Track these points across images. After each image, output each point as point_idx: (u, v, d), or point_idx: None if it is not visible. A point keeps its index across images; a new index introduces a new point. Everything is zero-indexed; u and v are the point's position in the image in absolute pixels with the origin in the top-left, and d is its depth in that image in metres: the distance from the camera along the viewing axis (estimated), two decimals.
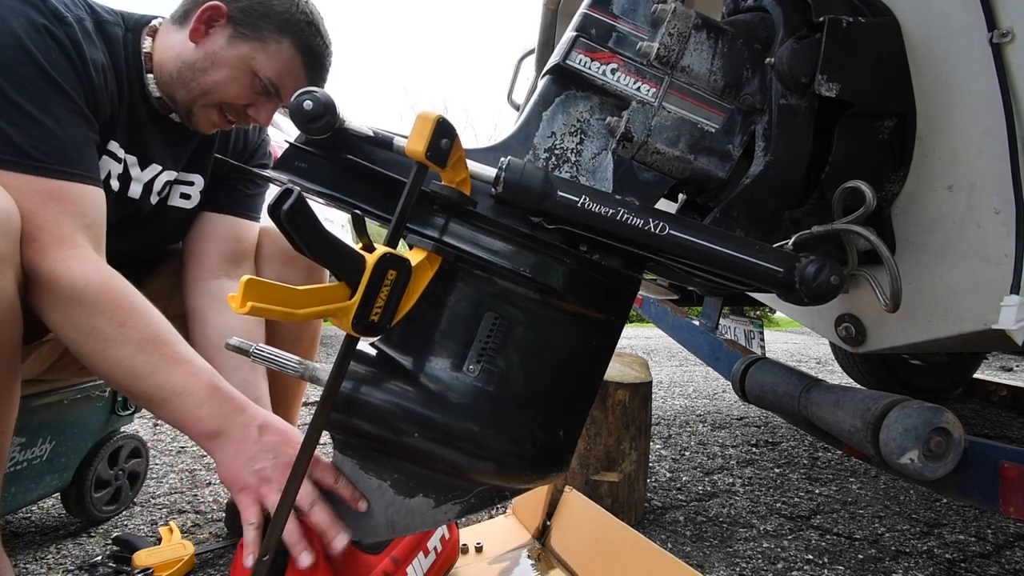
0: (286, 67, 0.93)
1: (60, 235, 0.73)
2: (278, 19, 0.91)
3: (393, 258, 0.53)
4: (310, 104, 0.55)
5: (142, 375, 0.73)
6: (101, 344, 0.72)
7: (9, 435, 0.76)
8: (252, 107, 0.95)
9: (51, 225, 0.73)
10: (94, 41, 0.84)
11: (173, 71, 0.92)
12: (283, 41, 0.92)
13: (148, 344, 0.73)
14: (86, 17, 0.84)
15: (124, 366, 0.72)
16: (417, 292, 0.57)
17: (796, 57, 0.67)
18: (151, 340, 0.74)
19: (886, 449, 0.68)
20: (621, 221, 0.57)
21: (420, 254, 0.58)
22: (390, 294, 0.53)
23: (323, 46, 0.97)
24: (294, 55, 0.93)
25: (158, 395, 0.73)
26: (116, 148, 0.91)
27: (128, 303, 0.74)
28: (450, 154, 0.52)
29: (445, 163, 0.52)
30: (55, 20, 0.78)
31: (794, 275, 0.60)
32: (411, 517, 0.63)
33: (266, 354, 0.63)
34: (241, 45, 0.91)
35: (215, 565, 1.05)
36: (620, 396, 1.27)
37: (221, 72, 0.91)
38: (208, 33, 0.91)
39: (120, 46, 0.90)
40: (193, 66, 0.91)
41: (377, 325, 0.54)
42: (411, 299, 0.57)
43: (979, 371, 2.84)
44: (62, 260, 0.72)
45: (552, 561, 1.03)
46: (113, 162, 0.91)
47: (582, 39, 0.65)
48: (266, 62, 0.92)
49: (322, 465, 0.68)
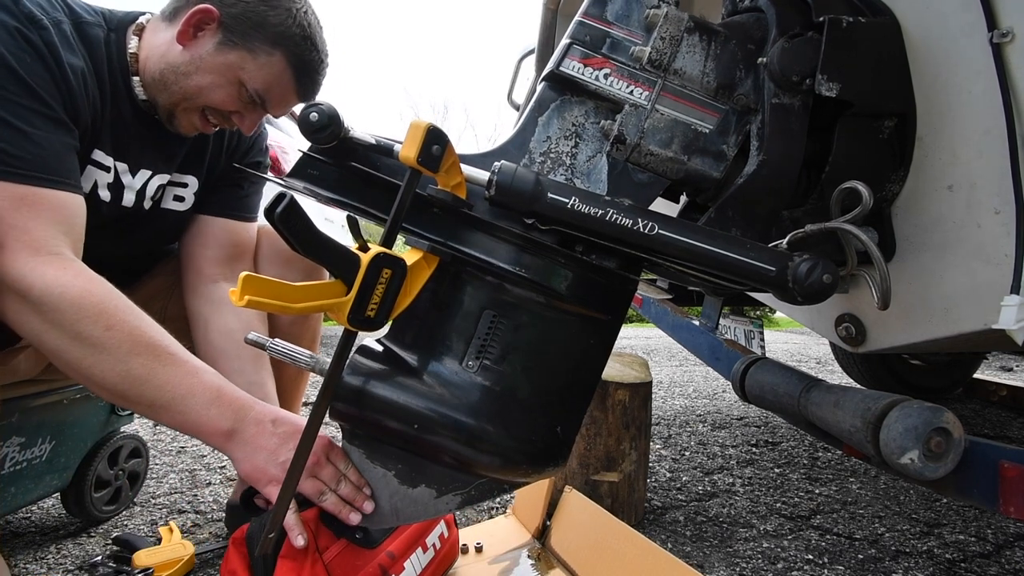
0: (275, 80, 0.90)
1: (31, 240, 0.70)
2: (272, 31, 0.88)
3: (388, 257, 0.55)
4: (316, 116, 0.59)
5: (139, 379, 0.70)
6: (89, 350, 0.69)
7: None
8: (237, 115, 0.93)
9: (21, 231, 0.69)
10: (72, 45, 0.80)
11: (156, 72, 0.89)
12: (275, 54, 0.89)
13: (140, 346, 0.71)
14: (64, 19, 0.81)
15: (117, 371, 0.69)
16: (415, 290, 0.60)
17: (787, 56, 0.67)
18: (143, 342, 0.71)
19: (886, 449, 0.68)
20: (610, 221, 0.58)
21: (417, 254, 0.60)
22: (386, 291, 0.56)
23: (317, 61, 0.94)
24: (285, 68, 0.90)
25: (160, 399, 0.71)
26: (102, 156, 0.88)
27: (112, 306, 0.71)
28: (442, 159, 0.54)
29: (437, 168, 0.55)
30: (29, 24, 0.74)
31: (787, 274, 0.60)
32: (414, 506, 0.66)
33: (281, 348, 0.67)
34: (229, 53, 0.87)
35: (215, 565, 1.05)
36: (620, 396, 1.27)
37: (206, 78, 0.88)
38: (196, 37, 0.88)
39: (102, 48, 0.86)
40: (177, 69, 0.88)
41: (374, 320, 0.56)
42: (408, 296, 0.59)
43: (979, 371, 2.84)
44: (35, 267, 0.68)
45: (552, 561, 1.03)
46: (100, 171, 0.89)
47: (576, 46, 0.66)
48: (254, 73, 0.89)
49: (336, 450, 0.70)
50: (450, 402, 0.61)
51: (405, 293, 0.58)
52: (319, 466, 0.69)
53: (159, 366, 0.71)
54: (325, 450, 0.70)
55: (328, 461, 0.70)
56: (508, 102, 2.01)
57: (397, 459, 0.66)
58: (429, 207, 0.61)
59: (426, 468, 0.65)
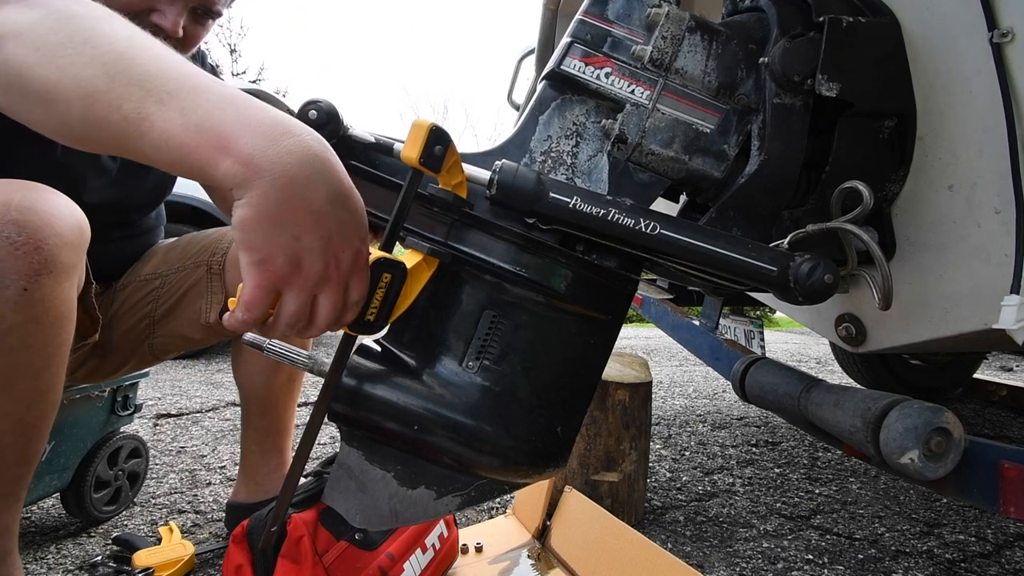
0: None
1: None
2: None
3: (388, 262, 0.54)
4: (315, 113, 0.58)
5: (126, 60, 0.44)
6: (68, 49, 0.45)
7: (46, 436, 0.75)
8: (156, 13, 0.81)
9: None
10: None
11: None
12: None
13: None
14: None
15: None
16: (414, 292, 0.59)
17: (788, 56, 0.67)
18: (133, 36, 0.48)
19: (886, 449, 0.68)
20: (612, 221, 0.58)
21: (417, 256, 0.60)
22: (386, 295, 0.55)
23: None
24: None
25: (158, 86, 0.43)
26: None
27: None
28: (444, 159, 0.54)
29: (440, 168, 0.54)
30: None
31: (788, 274, 0.60)
32: (413, 508, 0.65)
33: (279, 349, 0.66)
34: None
35: (215, 565, 1.05)
36: (620, 396, 1.26)
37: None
38: None
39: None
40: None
41: (373, 324, 0.56)
42: (408, 299, 0.59)
43: (979, 371, 2.84)
44: None
45: (552, 561, 1.03)
46: None
47: (577, 44, 0.66)
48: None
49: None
50: (450, 403, 0.61)
51: (405, 296, 0.58)
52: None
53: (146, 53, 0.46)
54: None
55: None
56: (508, 102, 2.01)
57: (396, 460, 0.66)
58: (431, 206, 0.61)
59: (425, 469, 0.65)
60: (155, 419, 2.03)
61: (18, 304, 0.65)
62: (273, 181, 0.41)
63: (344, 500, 0.68)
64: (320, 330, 0.49)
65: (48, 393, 0.72)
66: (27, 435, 0.71)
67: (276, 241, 0.42)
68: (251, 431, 1.16)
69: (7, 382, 0.67)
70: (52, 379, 0.72)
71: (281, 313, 0.46)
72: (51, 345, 0.69)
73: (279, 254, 0.43)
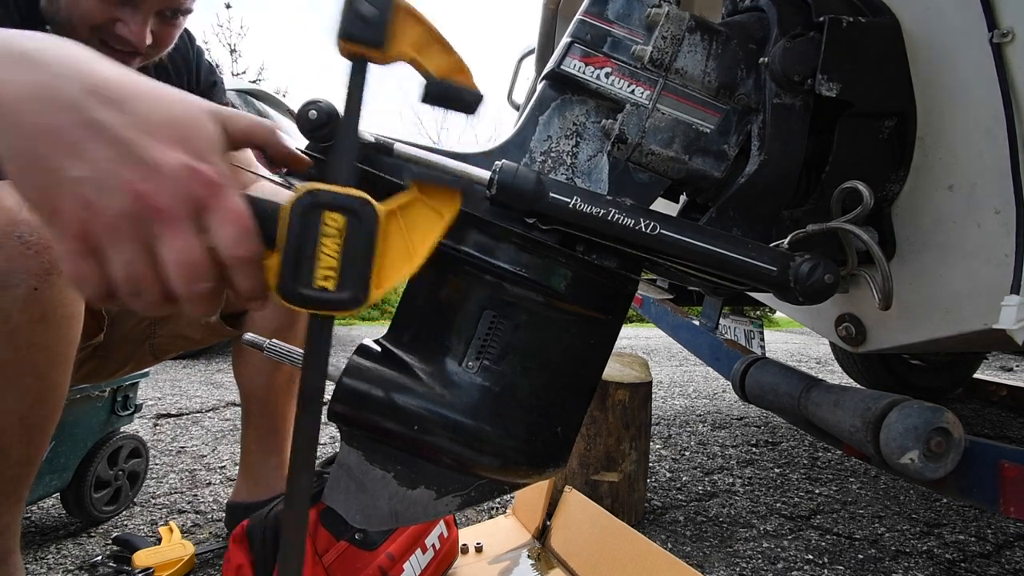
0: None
1: None
2: None
3: (328, 196, 0.38)
4: (315, 114, 0.57)
5: None
6: None
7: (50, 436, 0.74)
8: (119, 23, 0.80)
9: None
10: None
11: (48, 12, 0.77)
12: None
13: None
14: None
15: None
16: (421, 249, 0.44)
17: (788, 56, 0.67)
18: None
19: (886, 449, 0.68)
20: (612, 221, 0.58)
21: (412, 194, 0.47)
22: (346, 249, 0.38)
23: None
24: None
25: None
26: None
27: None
28: (387, 27, 0.39)
29: (383, 40, 0.40)
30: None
31: (788, 274, 0.60)
32: (413, 508, 0.65)
33: (279, 349, 0.66)
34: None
35: (215, 565, 1.05)
36: (620, 396, 1.26)
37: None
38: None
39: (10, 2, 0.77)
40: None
41: (336, 293, 0.38)
42: (410, 258, 0.43)
43: (979, 371, 2.84)
44: None
45: (552, 561, 1.03)
46: None
47: (577, 44, 0.66)
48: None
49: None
50: (450, 403, 0.61)
51: (397, 251, 0.42)
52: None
53: None
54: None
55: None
56: (508, 102, 2.01)
57: (396, 461, 0.65)
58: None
59: (425, 469, 0.64)
60: (155, 419, 2.04)
61: (27, 303, 0.64)
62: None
63: (344, 500, 0.68)
64: (194, 300, 0.37)
65: (53, 393, 0.72)
66: (31, 434, 0.71)
67: (44, 183, 0.32)
68: (251, 431, 1.16)
69: (13, 381, 0.67)
70: (58, 379, 0.71)
71: (111, 278, 0.34)
72: (58, 344, 0.69)
73: (60, 200, 0.32)
